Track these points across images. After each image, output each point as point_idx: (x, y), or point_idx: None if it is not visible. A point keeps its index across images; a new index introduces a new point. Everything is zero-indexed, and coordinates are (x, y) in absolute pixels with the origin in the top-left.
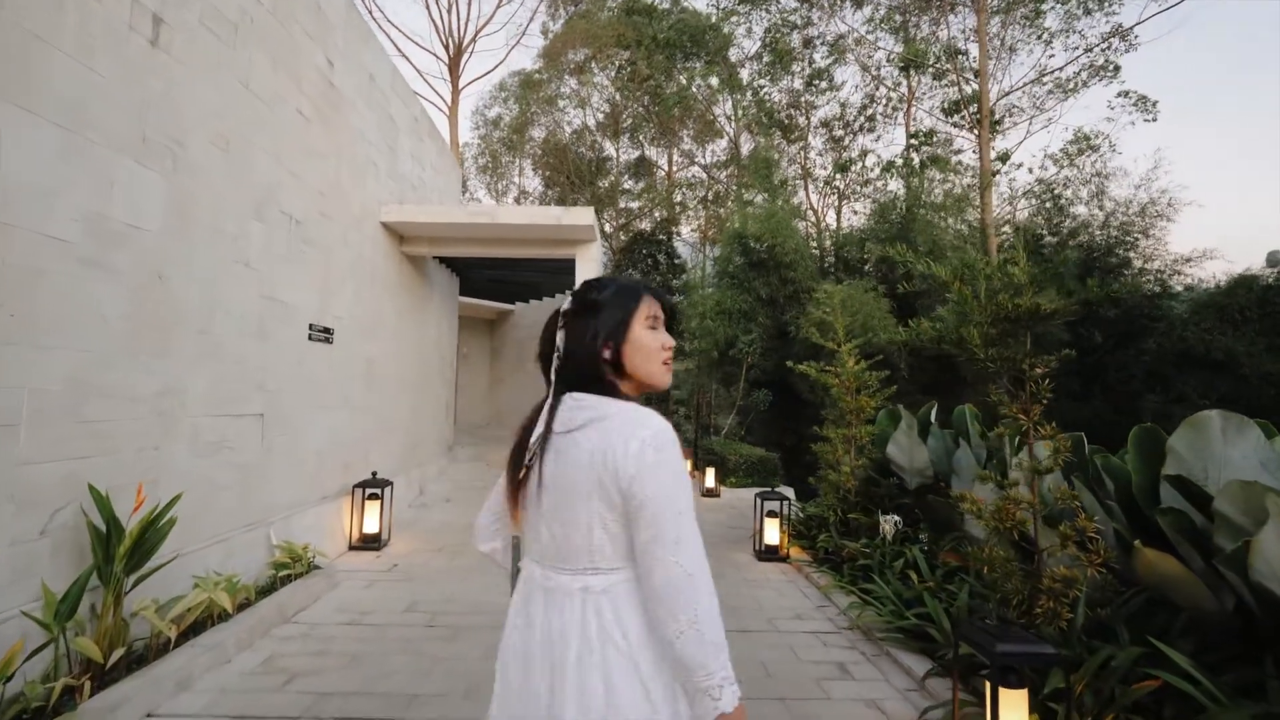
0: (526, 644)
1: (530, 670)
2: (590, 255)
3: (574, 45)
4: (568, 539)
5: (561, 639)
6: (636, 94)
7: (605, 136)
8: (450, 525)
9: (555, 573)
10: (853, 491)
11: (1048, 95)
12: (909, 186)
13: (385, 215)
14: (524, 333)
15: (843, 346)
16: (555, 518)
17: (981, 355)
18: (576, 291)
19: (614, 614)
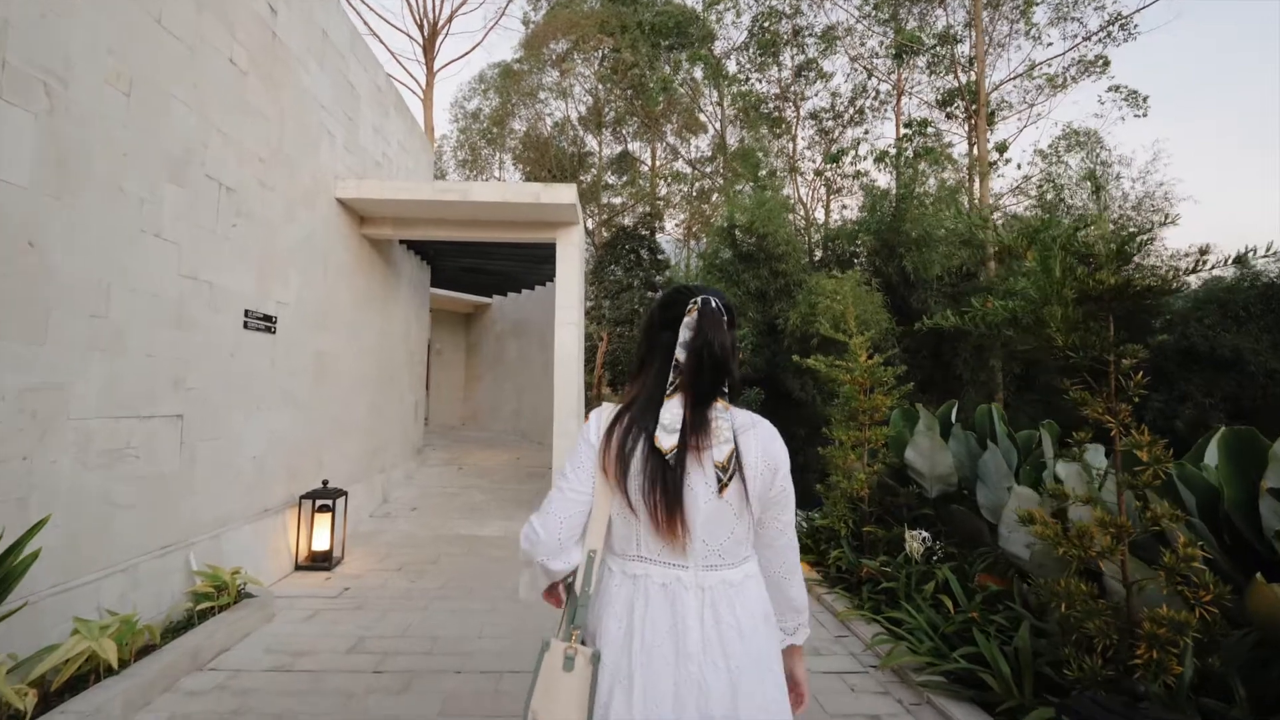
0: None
1: (685, 665)
2: (572, 239)
3: (555, 35)
4: (714, 537)
5: (734, 632)
6: (620, 84)
7: (588, 130)
8: (414, 538)
9: (707, 571)
10: (867, 501)
11: (1037, 90)
12: (901, 177)
13: (342, 191)
14: (502, 327)
15: (854, 339)
16: (718, 520)
17: (1062, 342)
18: (714, 299)
19: (742, 602)
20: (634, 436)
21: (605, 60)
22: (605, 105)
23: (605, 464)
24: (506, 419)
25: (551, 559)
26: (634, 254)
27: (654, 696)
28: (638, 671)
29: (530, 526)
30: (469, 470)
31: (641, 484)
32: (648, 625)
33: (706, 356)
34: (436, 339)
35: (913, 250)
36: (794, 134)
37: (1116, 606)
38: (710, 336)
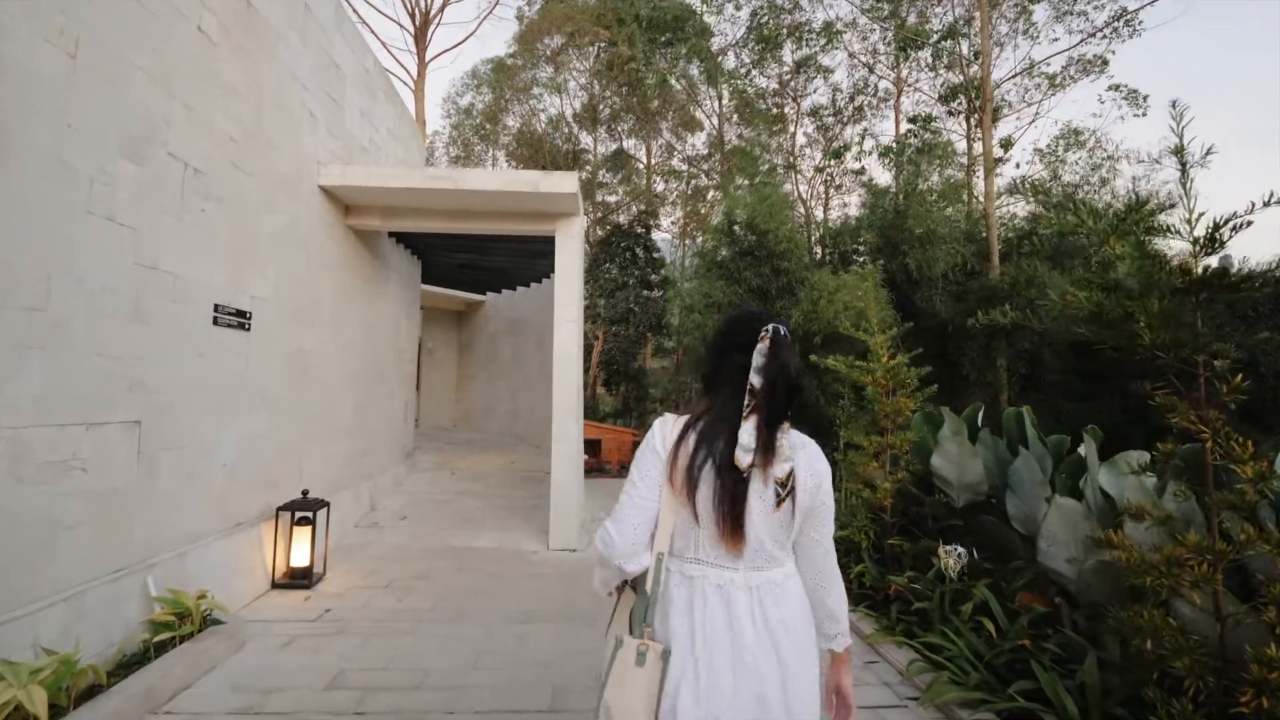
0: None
1: (742, 656)
2: (573, 232)
3: (550, 30)
4: (764, 544)
5: (780, 626)
6: (615, 79)
7: (582, 127)
8: (405, 551)
9: (754, 571)
10: (889, 511)
11: (1036, 89)
12: (904, 173)
13: (326, 178)
14: (497, 326)
15: (876, 338)
16: (769, 529)
17: (1149, 339)
18: (782, 327)
19: (785, 600)
20: (704, 452)
21: (601, 55)
22: (600, 102)
23: (672, 476)
24: (501, 420)
25: (627, 562)
26: (629, 252)
27: (716, 689)
28: (702, 667)
29: (606, 532)
30: (462, 475)
31: (710, 496)
32: (708, 624)
33: (782, 382)
34: (428, 337)
35: (916, 247)
36: (794, 131)
37: (1207, 643)
38: (786, 362)
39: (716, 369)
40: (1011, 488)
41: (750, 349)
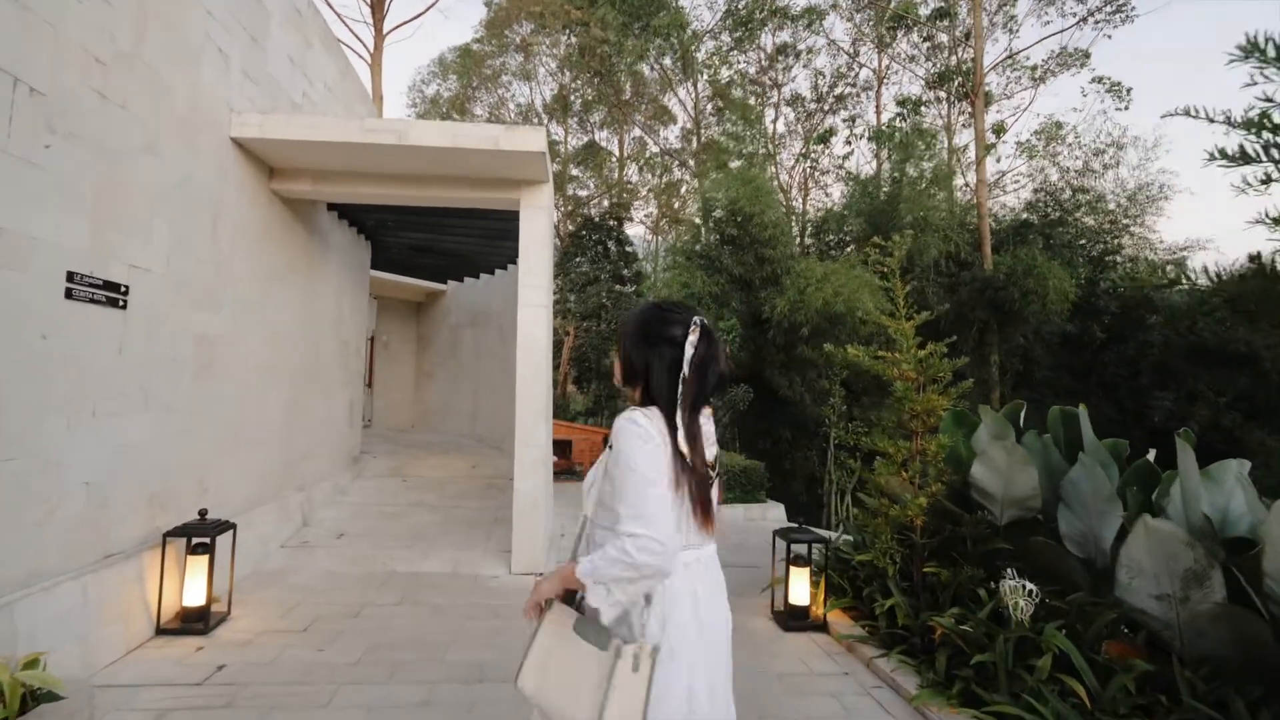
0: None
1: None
2: (540, 201)
3: (520, 15)
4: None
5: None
6: (588, 65)
7: (554, 119)
8: (337, 578)
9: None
10: (920, 531)
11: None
12: (893, 158)
13: (241, 128)
14: (458, 317)
15: (905, 324)
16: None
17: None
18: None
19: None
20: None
21: (572, 40)
22: (571, 92)
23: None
24: (462, 421)
25: (670, 564)
26: (601, 246)
27: (721, 661)
28: (709, 649)
29: (648, 539)
30: (415, 483)
31: (690, 482)
32: (705, 603)
33: (713, 373)
34: (384, 329)
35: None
36: (774, 119)
37: None
38: (716, 354)
39: (649, 363)
40: (1066, 502)
41: (682, 342)
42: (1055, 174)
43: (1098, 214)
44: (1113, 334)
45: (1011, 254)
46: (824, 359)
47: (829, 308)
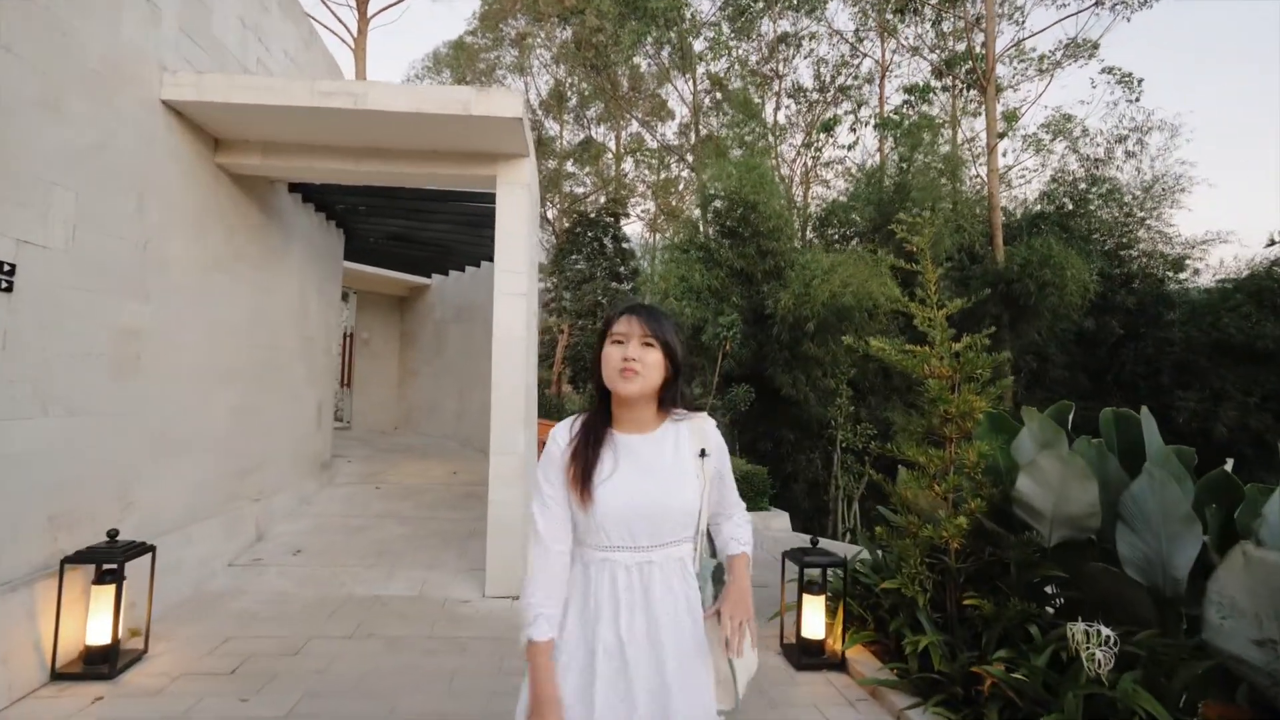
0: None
1: None
2: (519, 177)
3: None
4: None
5: None
6: (584, 59)
7: (549, 114)
8: (284, 603)
9: None
10: (956, 555)
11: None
12: (901, 146)
13: (173, 90)
14: (444, 313)
15: (937, 313)
16: None
17: None
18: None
19: None
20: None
21: (568, 24)
22: (567, 88)
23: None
24: (446, 422)
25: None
26: (597, 243)
27: None
28: None
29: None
30: (390, 490)
31: None
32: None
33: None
34: (365, 326)
35: (940, 209)
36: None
37: None
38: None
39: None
40: (1126, 521)
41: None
42: (1074, 162)
43: (1111, 206)
44: (1130, 331)
45: (1026, 244)
46: (830, 356)
47: (836, 300)
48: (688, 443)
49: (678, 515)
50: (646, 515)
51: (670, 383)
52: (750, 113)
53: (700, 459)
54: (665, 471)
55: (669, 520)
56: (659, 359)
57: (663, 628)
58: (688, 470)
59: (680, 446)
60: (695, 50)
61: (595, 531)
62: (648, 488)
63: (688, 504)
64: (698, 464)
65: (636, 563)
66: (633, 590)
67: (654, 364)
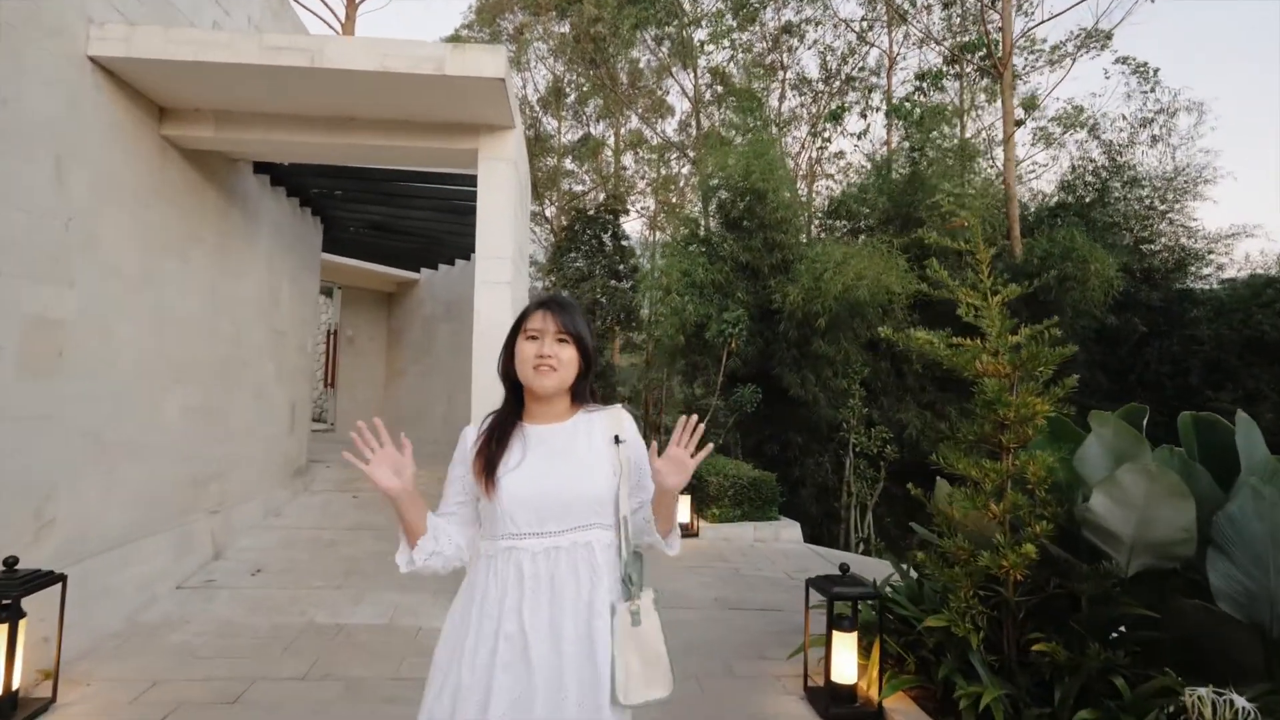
0: None
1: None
2: (504, 152)
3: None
4: None
5: None
6: (582, 51)
7: (547, 111)
8: (232, 634)
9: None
10: (1014, 587)
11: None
12: (911, 136)
13: (101, 45)
14: (433, 309)
15: (991, 300)
16: None
17: None
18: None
19: None
20: None
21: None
22: (566, 84)
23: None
24: (435, 425)
25: None
26: (596, 240)
27: None
28: None
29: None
30: (368, 499)
31: None
32: None
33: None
34: (350, 323)
35: (934, 217)
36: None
37: None
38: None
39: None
40: (1219, 546)
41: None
42: (1095, 149)
43: (1133, 196)
44: (1153, 328)
45: (1047, 237)
46: (842, 355)
47: (849, 295)
48: (601, 431)
49: (589, 499)
50: (556, 499)
51: (583, 376)
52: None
53: (615, 445)
54: (576, 457)
55: (578, 504)
56: (573, 355)
57: (565, 615)
58: (601, 456)
59: (593, 434)
60: (696, 42)
61: (502, 520)
62: (558, 473)
63: (599, 489)
64: (612, 450)
65: (544, 548)
66: (539, 578)
67: (569, 360)
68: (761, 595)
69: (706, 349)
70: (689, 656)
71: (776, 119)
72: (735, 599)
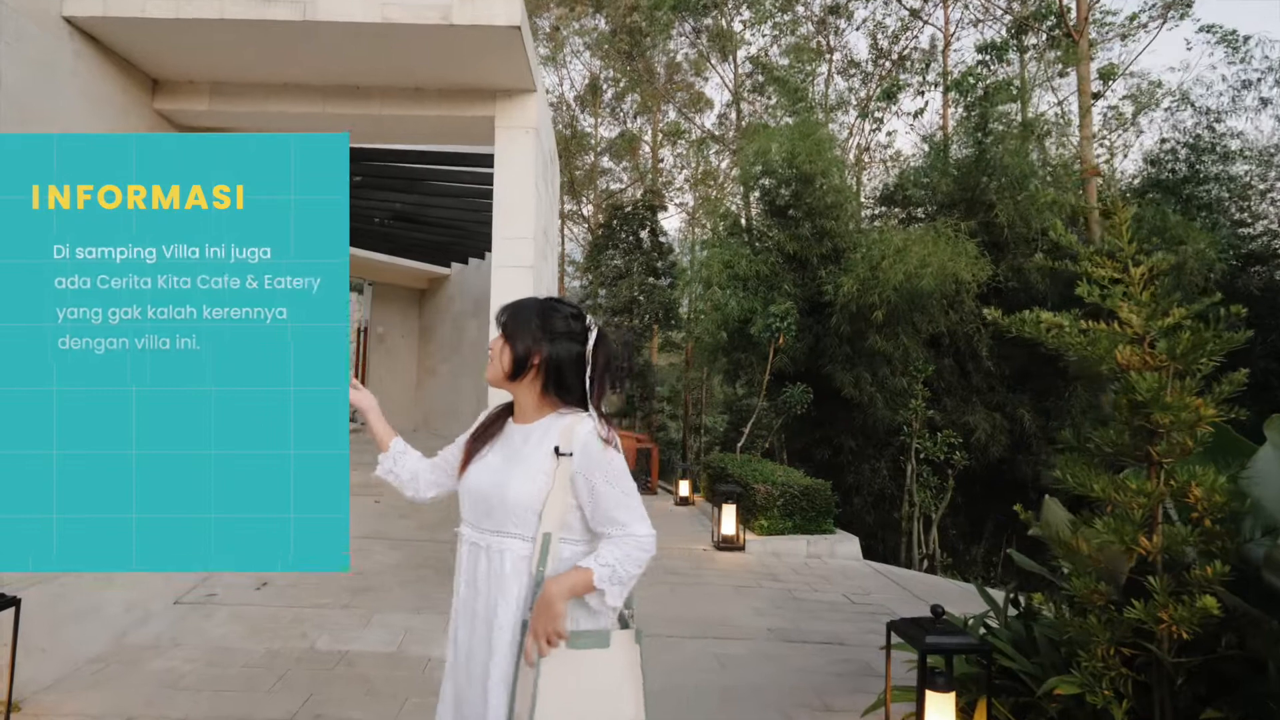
0: None
1: None
2: (524, 119)
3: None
4: None
5: None
6: (618, 46)
7: (585, 109)
8: (226, 660)
9: None
10: (1173, 644)
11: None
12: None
13: (76, 4)
14: (463, 305)
15: (1134, 271)
16: None
17: None
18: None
19: None
20: None
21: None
22: (603, 80)
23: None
24: (466, 424)
25: None
26: (633, 237)
27: None
28: None
29: (651, 536)
30: (389, 504)
31: None
32: None
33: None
34: (380, 320)
35: (1005, 199)
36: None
37: None
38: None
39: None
40: None
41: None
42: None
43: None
44: (1256, 320)
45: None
46: (901, 351)
47: (911, 284)
48: (549, 439)
49: (510, 507)
50: (482, 499)
51: (547, 375)
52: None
53: (554, 456)
54: (519, 460)
55: (500, 510)
56: (502, 345)
57: (477, 615)
58: (534, 465)
59: (544, 440)
60: (736, 28)
61: (460, 505)
62: (495, 473)
63: (520, 498)
64: (550, 461)
65: (472, 541)
66: (470, 569)
67: (499, 350)
68: (822, 624)
69: (751, 346)
70: (736, 705)
71: (823, 103)
72: (791, 628)
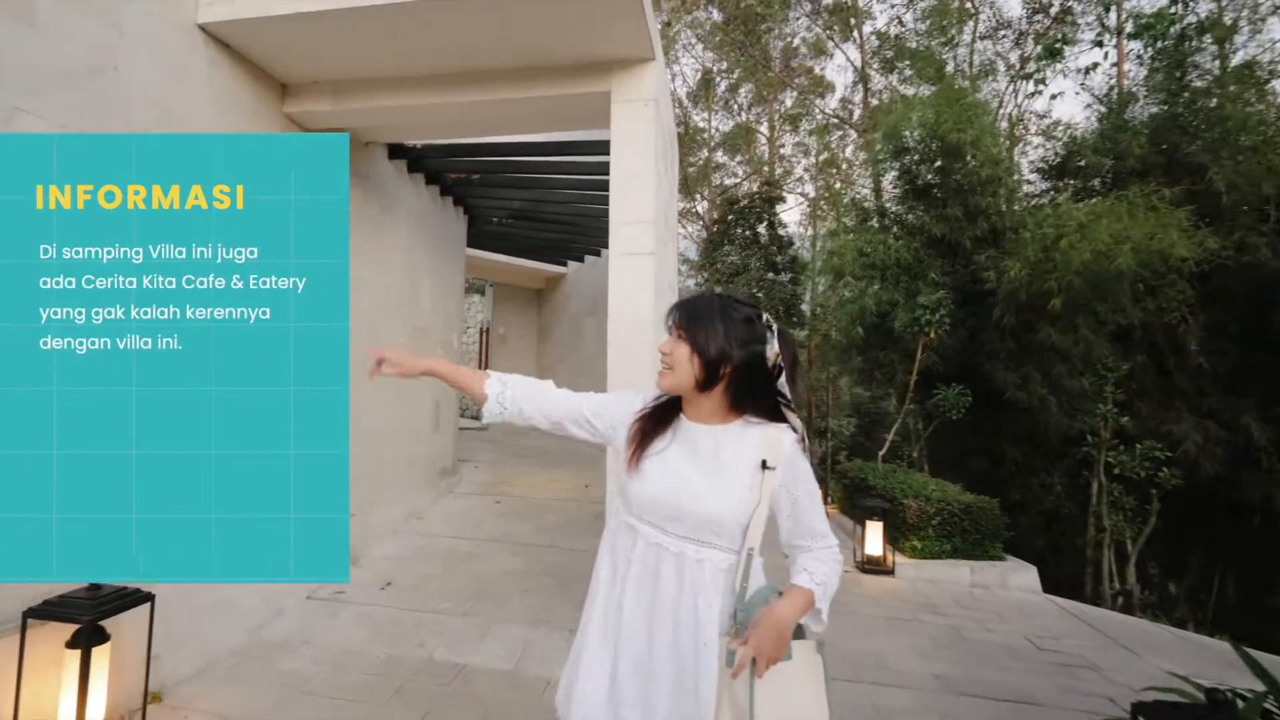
0: None
1: None
2: (641, 92)
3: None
4: None
5: None
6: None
7: (697, 106)
8: (349, 664)
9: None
10: None
11: None
12: (1164, 62)
13: (209, 11)
14: (579, 304)
15: None
16: None
17: None
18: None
19: None
20: None
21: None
22: (716, 73)
23: None
24: None
25: None
26: (750, 232)
27: None
28: None
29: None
30: (510, 506)
31: None
32: None
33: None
34: (501, 320)
35: (1223, 160)
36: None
37: None
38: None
39: (745, 364)
40: None
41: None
42: None
43: None
44: None
45: None
46: (1082, 345)
47: (1101, 265)
48: (752, 449)
49: (713, 521)
50: (671, 505)
51: (740, 383)
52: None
53: (761, 471)
54: (712, 469)
55: (695, 520)
56: (687, 354)
57: (663, 618)
58: (738, 477)
59: (741, 450)
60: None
61: (631, 500)
62: (685, 478)
63: (726, 512)
64: (756, 475)
65: (655, 541)
66: (645, 565)
67: (683, 359)
68: (1003, 675)
69: (892, 342)
70: None
71: (965, 71)
72: (965, 677)
